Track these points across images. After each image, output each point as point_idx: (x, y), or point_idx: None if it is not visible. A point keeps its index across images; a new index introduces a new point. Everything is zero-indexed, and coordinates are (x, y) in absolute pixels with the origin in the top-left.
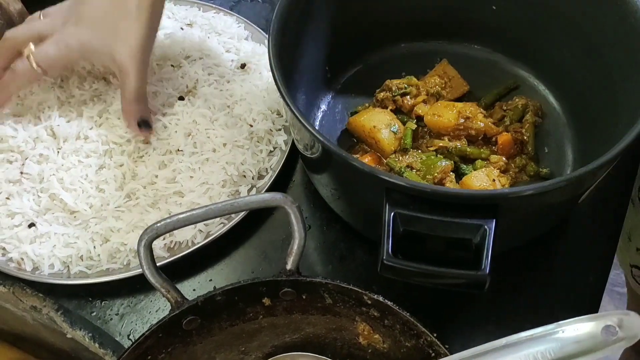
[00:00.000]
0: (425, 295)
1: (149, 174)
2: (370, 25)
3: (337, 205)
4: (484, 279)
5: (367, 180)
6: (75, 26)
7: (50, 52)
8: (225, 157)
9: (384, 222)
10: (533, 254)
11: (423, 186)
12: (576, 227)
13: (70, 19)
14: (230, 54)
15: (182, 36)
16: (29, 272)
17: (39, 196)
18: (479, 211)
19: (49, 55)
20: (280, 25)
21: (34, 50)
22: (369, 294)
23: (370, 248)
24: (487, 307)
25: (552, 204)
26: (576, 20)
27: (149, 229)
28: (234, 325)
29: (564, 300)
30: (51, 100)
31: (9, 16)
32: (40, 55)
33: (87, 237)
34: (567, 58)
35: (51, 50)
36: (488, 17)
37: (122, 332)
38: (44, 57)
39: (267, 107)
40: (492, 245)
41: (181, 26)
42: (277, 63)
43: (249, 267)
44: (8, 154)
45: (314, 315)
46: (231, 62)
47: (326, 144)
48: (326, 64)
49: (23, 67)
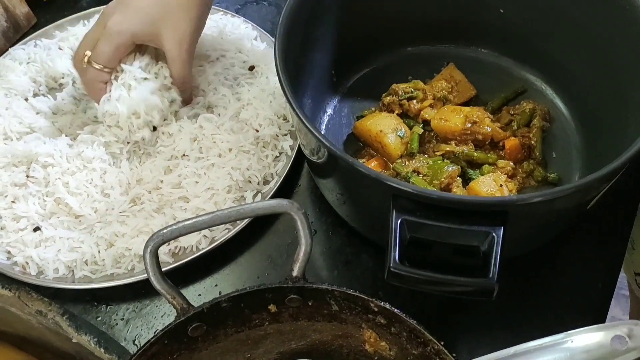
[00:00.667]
0: (431, 301)
1: (154, 179)
2: (376, 28)
3: (343, 210)
4: (492, 287)
5: (374, 186)
6: (122, 14)
7: (104, 47)
8: (231, 162)
9: (391, 229)
10: (540, 259)
11: (430, 192)
12: (584, 232)
13: (117, 8)
14: (242, 54)
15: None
16: (34, 276)
17: (44, 200)
18: (486, 218)
19: (103, 51)
20: (287, 30)
21: (90, 54)
22: (376, 301)
23: (377, 253)
24: (494, 313)
25: (560, 210)
26: (584, 24)
27: (155, 236)
28: (240, 332)
29: (572, 306)
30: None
31: (15, 19)
32: (96, 55)
33: (92, 242)
34: (576, 62)
35: (104, 46)
36: (495, 20)
37: (128, 337)
38: (100, 55)
39: (273, 112)
40: (500, 253)
41: None
42: (283, 67)
43: (255, 272)
44: (14, 159)
45: (320, 322)
46: (243, 64)
47: (332, 149)
48: (332, 67)
49: (89, 74)
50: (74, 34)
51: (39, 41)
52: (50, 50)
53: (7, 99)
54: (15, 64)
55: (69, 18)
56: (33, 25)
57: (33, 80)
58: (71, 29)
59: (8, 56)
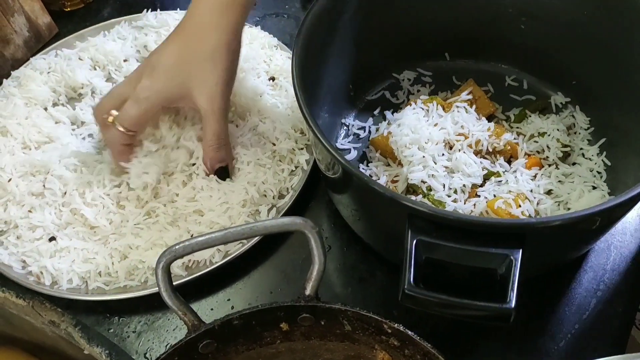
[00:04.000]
0: (446, 320)
1: (169, 192)
2: (394, 43)
3: (357, 226)
4: (509, 313)
5: (389, 205)
6: (150, 78)
7: (131, 112)
8: (247, 176)
9: (406, 250)
10: (557, 280)
11: (446, 213)
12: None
13: (144, 72)
14: (263, 65)
15: None
16: (48, 286)
17: (60, 210)
18: (504, 240)
19: (130, 115)
20: (304, 44)
21: (117, 114)
22: (389, 323)
23: (391, 270)
24: (511, 336)
25: (581, 232)
26: (605, 41)
27: (167, 252)
28: (251, 349)
29: (591, 331)
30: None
31: (37, 29)
32: (123, 117)
33: (106, 253)
34: (596, 78)
35: (131, 110)
36: (516, 35)
37: (139, 350)
38: (127, 118)
39: (291, 125)
40: (518, 276)
41: None
42: (300, 82)
43: (268, 288)
44: (32, 168)
45: (333, 341)
46: (264, 74)
47: (347, 165)
48: (350, 82)
49: (112, 135)
50: (94, 44)
51: (60, 51)
52: (71, 60)
53: (27, 108)
54: (36, 74)
55: (90, 28)
56: (54, 35)
57: (53, 90)
58: (92, 39)
59: (29, 65)
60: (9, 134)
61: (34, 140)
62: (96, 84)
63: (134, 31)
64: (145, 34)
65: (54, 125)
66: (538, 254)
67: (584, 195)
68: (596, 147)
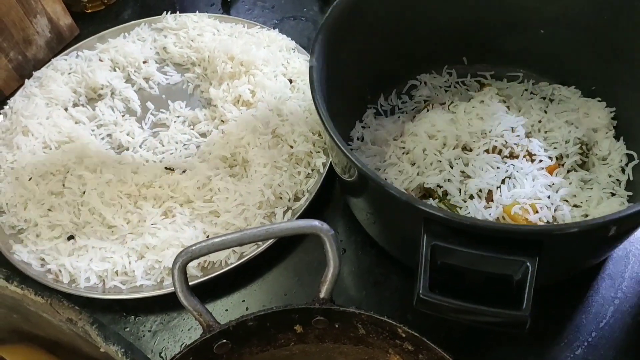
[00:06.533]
0: (461, 326)
1: (186, 193)
2: (412, 48)
3: (373, 229)
4: (524, 320)
5: (405, 209)
6: None
7: None
8: (264, 178)
9: (421, 255)
10: (574, 287)
11: (462, 218)
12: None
13: None
14: (281, 67)
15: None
16: (66, 284)
17: (79, 209)
18: (521, 247)
19: None
20: (322, 47)
21: None
22: (404, 327)
23: (406, 274)
24: (526, 342)
25: (599, 239)
26: (625, 45)
27: (184, 252)
28: (265, 351)
29: (608, 338)
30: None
31: (59, 30)
32: None
33: (123, 252)
34: (618, 83)
35: None
36: (535, 41)
37: (155, 349)
38: None
39: (308, 128)
40: (534, 283)
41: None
42: (318, 86)
43: (282, 290)
44: (52, 167)
45: (346, 344)
46: (283, 76)
47: (363, 169)
48: (366, 85)
49: None
50: (114, 45)
51: (81, 52)
52: (91, 61)
53: (47, 108)
54: (57, 74)
55: (111, 30)
56: (76, 36)
57: (73, 91)
58: (112, 41)
59: (51, 66)
60: (29, 134)
61: (54, 140)
62: (116, 85)
63: (153, 33)
64: (164, 36)
65: (74, 125)
66: (555, 261)
67: (603, 202)
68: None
